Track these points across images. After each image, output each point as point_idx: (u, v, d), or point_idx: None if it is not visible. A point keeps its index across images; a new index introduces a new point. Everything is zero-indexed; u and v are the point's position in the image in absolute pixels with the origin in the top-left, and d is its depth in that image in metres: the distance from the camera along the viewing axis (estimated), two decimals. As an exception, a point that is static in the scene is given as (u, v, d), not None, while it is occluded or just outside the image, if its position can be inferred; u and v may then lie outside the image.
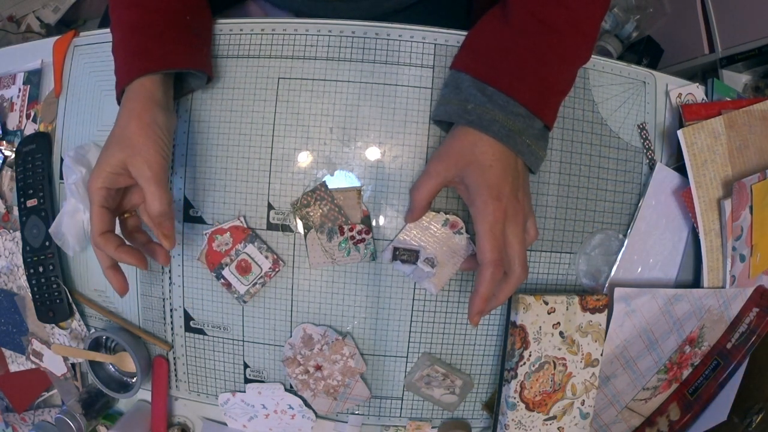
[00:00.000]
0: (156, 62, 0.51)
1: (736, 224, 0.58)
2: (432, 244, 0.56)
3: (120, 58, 0.53)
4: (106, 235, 0.48)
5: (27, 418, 0.72)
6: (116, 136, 0.49)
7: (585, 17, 0.49)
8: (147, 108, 0.49)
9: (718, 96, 0.62)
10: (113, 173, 0.48)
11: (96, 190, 0.48)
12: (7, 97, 0.68)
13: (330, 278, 0.57)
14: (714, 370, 0.61)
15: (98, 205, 0.48)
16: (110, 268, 0.50)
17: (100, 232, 0.48)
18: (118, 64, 0.53)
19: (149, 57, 0.51)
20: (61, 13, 1.63)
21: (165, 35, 0.52)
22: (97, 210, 0.48)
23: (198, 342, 0.61)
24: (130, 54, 0.52)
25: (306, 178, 0.56)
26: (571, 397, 0.58)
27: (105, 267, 0.50)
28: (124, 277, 0.51)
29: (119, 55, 0.53)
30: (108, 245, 0.48)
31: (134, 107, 0.49)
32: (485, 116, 0.46)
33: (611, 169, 0.58)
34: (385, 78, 0.56)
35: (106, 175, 0.48)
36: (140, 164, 0.47)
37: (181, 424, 0.65)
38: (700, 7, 1.36)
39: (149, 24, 0.52)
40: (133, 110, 0.49)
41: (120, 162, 0.48)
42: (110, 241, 0.48)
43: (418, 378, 0.59)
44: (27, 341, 0.68)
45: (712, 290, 0.60)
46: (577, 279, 0.59)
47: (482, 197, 0.46)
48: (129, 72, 0.51)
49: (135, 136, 0.48)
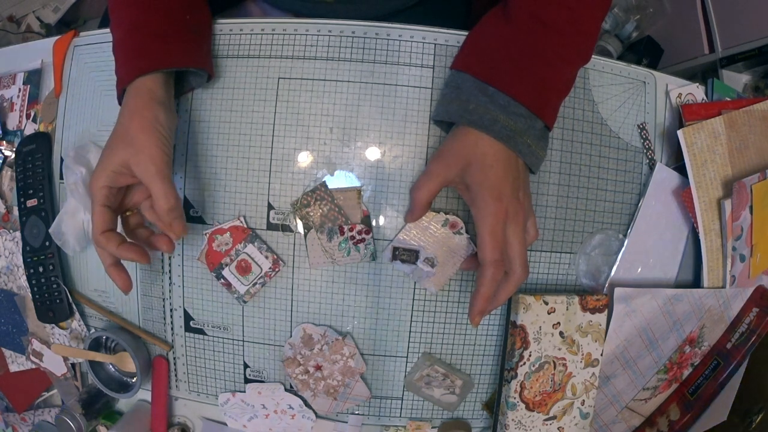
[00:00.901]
0: (156, 61, 0.51)
1: (736, 224, 0.58)
2: (432, 244, 0.56)
3: (120, 57, 0.53)
4: (108, 234, 0.48)
5: (27, 418, 0.72)
6: (118, 135, 0.49)
7: (586, 17, 0.49)
8: (148, 106, 0.49)
9: (718, 96, 0.62)
10: (115, 172, 0.48)
11: (98, 189, 0.48)
12: (7, 97, 0.68)
13: (330, 278, 0.57)
14: (714, 370, 0.61)
15: (100, 204, 0.48)
16: (112, 266, 0.50)
17: (102, 231, 0.48)
18: (119, 64, 0.53)
19: (149, 56, 0.51)
20: (61, 13, 1.63)
21: (165, 34, 0.52)
22: (99, 209, 0.48)
23: (198, 342, 0.61)
24: (131, 53, 0.52)
25: (306, 178, 0.56)
26: (571, 397, 0.58)
27: (107, 265, 0.50)
28: (127, 274, 0.51)
29: (120, 55, 0.53)
30: (110, 244, 0.48)
31: (135, 106, 0.49)
32: (486, 116, 0.46)
33: (611, 169, 0.58)
34: (385, 78, 0.56)
35: (109, 174, 0.48)
36: (143, 163, 0.48)
37: (181, 424, 0.65)
38: (700, 7, 1.36)
39: (149, 23, 0.52)
40: (135, 109, 0.49)
41: (122, 161, 0.48)
42: (112, 240, 0.48)
43: (418, 378, 0.59)
44: (27, 341, 0.68)
45: (712, 290, 0.60)
46: (577, 279, 0.59)
47: (483, 197, 0.46)
48: (130, 71, 0.51)
49: (137, 135, 0.48)
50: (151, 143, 0.48)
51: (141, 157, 0.48)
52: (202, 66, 0.54)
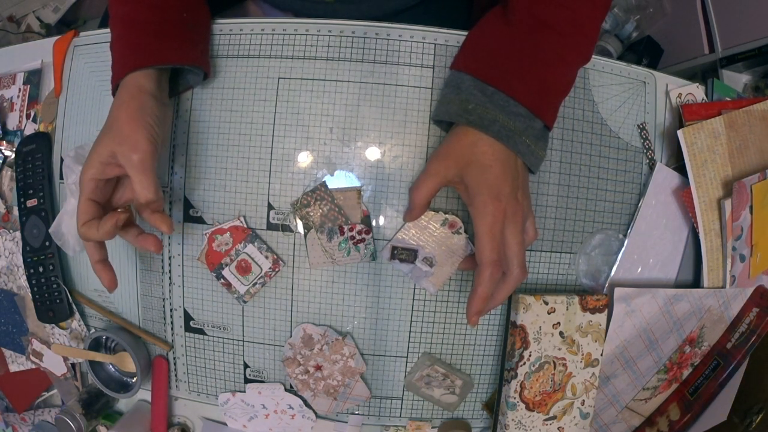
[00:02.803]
0: (149, 57, 0.51)
1: (736, 224, 0.58)
2: (430, 244, 0.56)
3: (116, 52, 0.53)
4: (90, 224, 0.48)
5: (27, 418, 0.72)
6: (106, 127, 0.50)
7: (586, 18, 0.49)
8: (135, 96, 0.50)
9: (718, 96, 0.62)
10: (103, 163, 0.48)
11: (86, 182, 0.48)
12: (7, 97, 0.68)
13: (330, 278, 0.57)
14: (714, 370, 0.61)
15: (86, 197, 0.48)
16: (99, 262, 0.51)
17: (83, 222, 0.48)
18: (114, 59, 0.53)
19: (143, 52, 0.51)
20: (61, 13, 1.63)
21: (160, 31, 0.52)
22: (84, 201, 0.48)
23: (198, 342, 0.61)
24: (125, 49, 0.52)
25: (306, 178, 0.56)
26: (571, 397, 0.58)
27: (94, 261, 0.51)
28: (113, 272, 0.52)
29: (115, 50, 0.53)
30: (90, 231, 0.48)
31: (123, 98, 0.50)
32: (486, 116, 0.46)
33: (611, 169, 0.58)
34: (385, 78, 0.56)
35: (96, 166, 0.48)
36: (127, 152, 0.48)
37: (181, 424, 0.65)
38: (700, 7, 1.36)
39: (145, 20, 0.52)
40: (122, 100, 0.50)
41: (109, 151, 0.48)
42: (92, 228, 0.48)
43: (418, 378, 0.59)
44: (27, 341, 0.68)
45: (712, 290, 0.60)
46: (577, 279, 0.59)
47: (482, 197, 0.46)
48: (123, 66, 0.51)
49: (123, 125, 0.48)
50: (137, 133, 0.48)
51: (125, 146, 0.48)
52: (197, 64, 0.54)
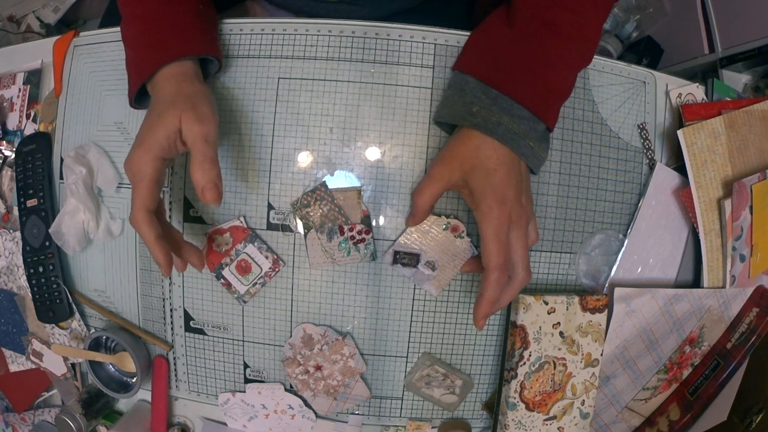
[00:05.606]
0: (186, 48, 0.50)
1: (736, 224, 0.58)
2: (433, 248, 0.56)
3: (141, 48, 0.51)
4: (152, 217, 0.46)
5: (27, 418, 0.72)
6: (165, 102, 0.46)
7: (589, 21, 0.49)
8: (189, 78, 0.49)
9: (718, 96, 0.62)
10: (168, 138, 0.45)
11: (147, 162, 0.45)
12: (7, 97, 0.68)
13: (330, 278, 0.57)
14: (714, 370, 0.61)
15: (150, 179, 0.45)
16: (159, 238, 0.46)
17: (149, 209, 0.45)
18: (139, 56, 0.51)
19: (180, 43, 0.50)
20: (61, 13, 1.63)
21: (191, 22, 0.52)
22: (149, 184, 0.45)
23: (198, 342, 0.61)
24: (158, 43, 0.50)
25: (306, 178, 0.56)
26: (571, 397, 0.58)
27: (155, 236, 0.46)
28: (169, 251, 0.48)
29: (140, 46, 0.51)
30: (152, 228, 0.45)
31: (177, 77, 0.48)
32: (490, 119, 0.46)
33: (611, 169, 0.58)
34: (385, 78, 0.56)
35: (160, 144, 0.45)
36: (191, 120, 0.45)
37: (181, 424, 0.65)
38: (700, 7, 1.36)
39: (167, 13, 0.51)
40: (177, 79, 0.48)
41: (174, 123, 0.45)
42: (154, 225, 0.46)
43: (418, 378, 0.59)
44: (27, 341, 0.68)
45: (712, 290, 0.60)
46: (577, 279, 0.59)
47: (487, 201, 0.46)
48: (155, 61, 0.49)
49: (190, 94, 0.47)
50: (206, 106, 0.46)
51: (191, 114, 0.45)
52: (217, 54, 0.54)
